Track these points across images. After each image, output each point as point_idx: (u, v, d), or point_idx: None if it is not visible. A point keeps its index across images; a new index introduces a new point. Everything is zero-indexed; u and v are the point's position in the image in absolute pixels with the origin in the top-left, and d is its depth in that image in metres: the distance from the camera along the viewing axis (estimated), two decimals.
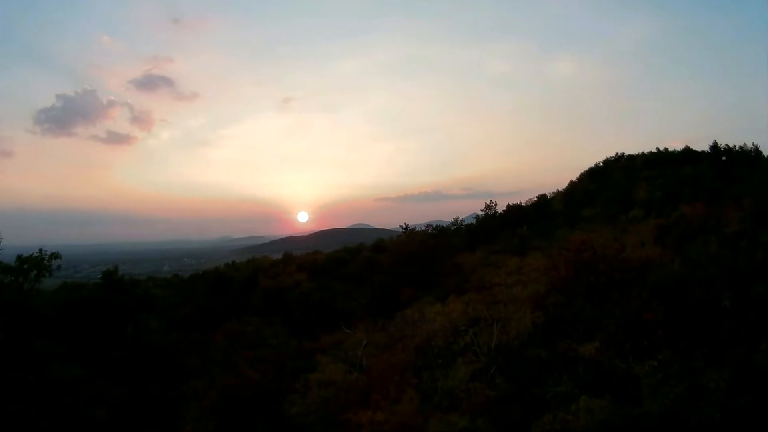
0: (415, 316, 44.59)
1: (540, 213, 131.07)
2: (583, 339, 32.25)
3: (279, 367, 47.13)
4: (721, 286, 30.38)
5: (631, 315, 30.74)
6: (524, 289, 41.24)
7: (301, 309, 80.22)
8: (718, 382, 21.97)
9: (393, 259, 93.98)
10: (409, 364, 37.03)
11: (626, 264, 41.66)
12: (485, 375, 33.05)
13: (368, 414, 29.57)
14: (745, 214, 55.82)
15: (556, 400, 26.68)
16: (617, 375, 27.60)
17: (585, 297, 38.58)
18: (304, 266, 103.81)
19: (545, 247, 75.00)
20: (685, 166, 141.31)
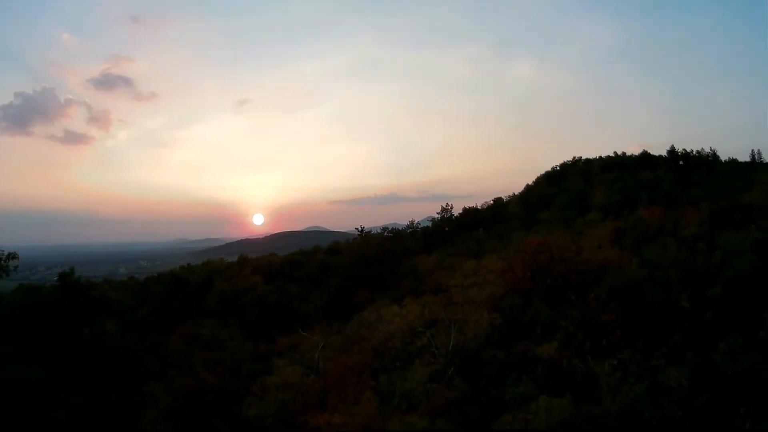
0: (371, 318, 44.64)
1: (496, 216, 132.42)
2: (541, 340, 32.54)
3: (235, 369, 47.20)
4: (680, 288, 30.71)
5: (589, 316, 30.99)
6: (481, 291, 41.44)
7: (257, 312, 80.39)
8: (679, 381, 22.15)
9: (349, 262, 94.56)
10: (366, 366, 37.03)
11: (583, 266, 42.15)
12: (443, 376, 33.06)
13: (326, 417, 29.39)
14: (703, 218, 56.80)
15: (515, 400, 26.67)
16: (576, 375, 27.78)
17: (542, 298, 38.93)
18: (259, 269, 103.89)
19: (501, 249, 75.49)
20: (642, 171, 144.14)
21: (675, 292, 30.70)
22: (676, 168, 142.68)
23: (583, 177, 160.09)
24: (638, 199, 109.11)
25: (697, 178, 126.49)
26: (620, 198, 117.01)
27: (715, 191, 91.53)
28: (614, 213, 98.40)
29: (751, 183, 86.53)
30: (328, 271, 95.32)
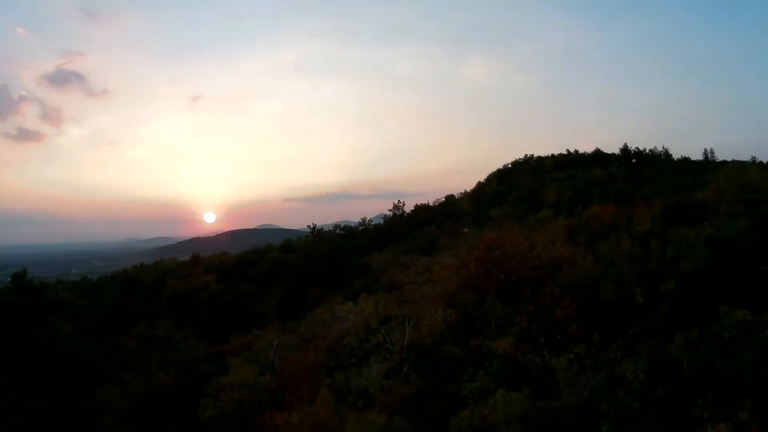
0: (325, 316, 45.03)
1: (448, 213, 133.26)
2: (496, 335, 33.01)
3: (190, 370, 47.13)
4: (634, 283, 31.26)
5: (543, 311, 31.32)
6: (435, 288, 41.77)
7: (210, 311, 79.84)
8: (636, 373, 22.61)
9: (301, 260, 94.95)
10: (321, 364, 37.36)
11: (537, 262, 42.50)
12: (399, 373, 33.38)
13: (283, 415, 29.47)
14: (656, 215, 57.85)
15: (472, 395, 27.04)
16: (532, 369, 28.18)
17: (496, 294, 39.27)
18: (212, 268, 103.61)
19: (453, 246, 76.08)
20: (595, 169, 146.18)
21: (629, 287, 31.19)
22: (628, 166, 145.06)
23: (535, 175, 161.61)
24: (591, 196, 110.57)
25: (649, 176, 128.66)
26: (572, 195, 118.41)
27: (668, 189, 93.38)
28: (566, 210, 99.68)
29: (704, 181, 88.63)
30: (281, 270, 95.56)
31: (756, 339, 21.31)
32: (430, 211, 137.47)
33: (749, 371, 19.74)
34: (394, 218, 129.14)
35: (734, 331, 22.10)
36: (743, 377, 19.73)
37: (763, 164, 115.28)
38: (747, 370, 19.80)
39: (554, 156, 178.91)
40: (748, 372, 19.71)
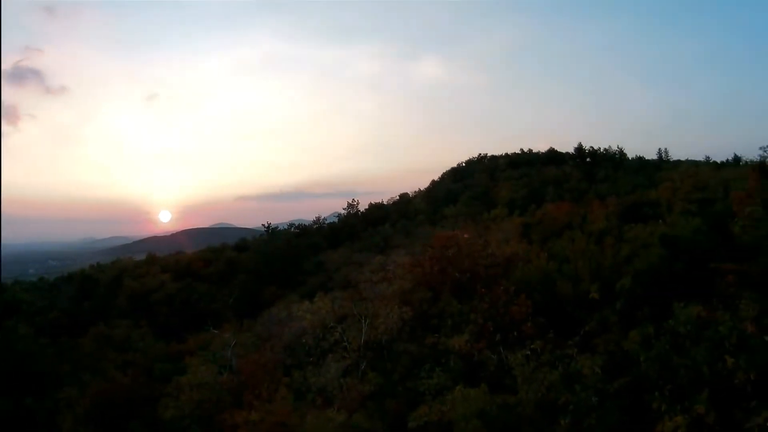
0: (281, 314, 44.98)
1: (402, 212, 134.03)
2: (452, 332, 33.38)
3: (149, 370, 47.47)
4: (589, 280, 31.79)
5: (498, 308, 31.74)
6: (390, 286, 42.04)
7: (167, 310, 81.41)
8: (592, 368, 23.03)
9: (256, 259, 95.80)
10: (279, 362, 37.60)
11: (491, 260, 42.91)
12: (356, 371, 33.90)
13: (243, 414, 29.65)
14: (610, 213, 58.83)
15: (430, 392, 27.34)
16: (489, 365, 28.55)
17: (451, 292, 39.57)
18: (168, 267, 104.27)
19: (408, 245, 76.66)
20: (549, 167, 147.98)
21: (584, 284, 31.74)
22: (583, 165, 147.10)
23: (488, 173, 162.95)
24: (545, 194, 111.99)
25: (604, 174, 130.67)
26: (526, 194, 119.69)
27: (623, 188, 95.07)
28: (520, 208, 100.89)
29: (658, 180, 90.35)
30: (236, 269, 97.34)
31: (710, 334, 21.88)
32: (384, 209, 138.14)
33: (704, 365, 20.28)
34: (348, 217, 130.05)
35: (689, 326, 22.62)
36: (698, 371, 20.27)
37: (716, 164, 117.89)
38: (702, 365, 20.34)
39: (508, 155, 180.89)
40: (703, 366, 20.25)
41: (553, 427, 21.75)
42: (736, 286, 26.53)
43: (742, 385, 18.99)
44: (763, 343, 20.11)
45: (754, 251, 28.66)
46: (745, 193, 34.53)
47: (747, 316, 21.87)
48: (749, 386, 18.82)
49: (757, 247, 28.33)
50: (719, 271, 28.59)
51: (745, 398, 18.67)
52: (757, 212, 29.15)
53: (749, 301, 23.36)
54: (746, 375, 18.96)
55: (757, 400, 18.28)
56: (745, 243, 29.35)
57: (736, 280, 27.28)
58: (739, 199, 34.49)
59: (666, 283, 29.73)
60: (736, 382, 19.16)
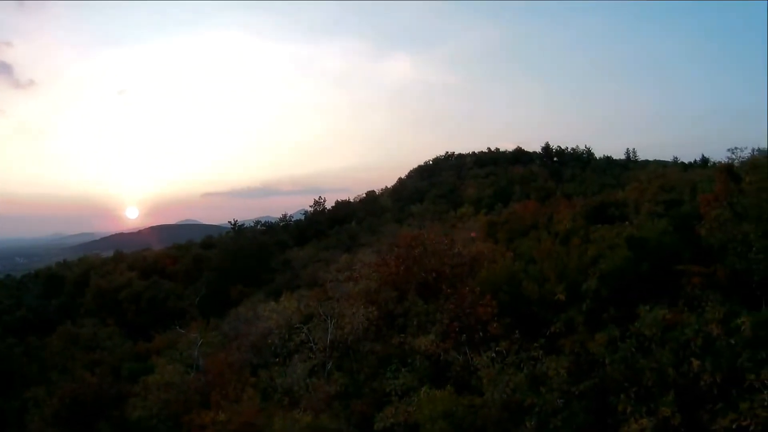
0: (248, 314, 45.66)
1: (369, 209, 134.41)
2: (418, 332, 33.52)
3: (116, 370, 47.74)
4: (555, 281, 32.01)
5: (464, 308, 31.86)
6: (356, 285, 42.00)
7: (134, 309, 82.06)
8: (558, 370, 23.26)
9: (222, 256, 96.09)
10: (245, 362, 37.98)
11: (457, 259, 43.00)
12: (323, 371, 33.96)
13: (210, 414, 29.68)
14: (577, 213, 59.19)
15: (396, 392, 27.66)
16: (455, 366, 28.70)
17: (417, 292, 39.65)
18: (135, 265, 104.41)
19: (374, 243, 76.92)
20: (516, 166, 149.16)
21: (550, 285, 31.97)
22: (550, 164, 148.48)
23: (455, 171, 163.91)
24: (511, 193, 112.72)
25: (571, 174, 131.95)
26: (493, 192, 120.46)
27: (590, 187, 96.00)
28: (487, 207, 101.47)
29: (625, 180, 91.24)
30: (203, 266, 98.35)
31: (676, 336, 22.23)
32: (351, 207, 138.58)
33: (670, 368, 20.59)
34: (315, 214, 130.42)
35: (654, 329, 22.93)
36: (664, 373, 20.58)
37: (684, 165, 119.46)
38: (667, 367, 20.66)
39: (475, 153, 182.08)
40: (669, 368, 20.57)
41: (519, 429, 22.02)
42: (701, 289, 26.94)
43: (707, 387, 19.37)
44: (729, 346, 20.48)
45: (720, 254, 29.11)
46: (712, 196, 35.04)
47: (712, 319, 22.26)
48: (715, 388, 19.19)
49: (724, 250, 28.76)
50: (685, 274, 29.02)
51: (711, 400, 19.02)
52: (724, 215, 29.59)
53: (715, 304, 23.79)
54: (712, 377, 19.34)
55: (722, 402, 18.63)
56: (712, 245, 29.79)
57: (702, 282, 27.72)
58: (706, 201, 34.99)
59: (632, 285, 30.08)
60: (701, 385, 19.53)
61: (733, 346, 20.49)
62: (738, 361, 19.56)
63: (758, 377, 18.15)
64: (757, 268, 25.65)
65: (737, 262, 27.18)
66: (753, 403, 17.45)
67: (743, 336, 20.67)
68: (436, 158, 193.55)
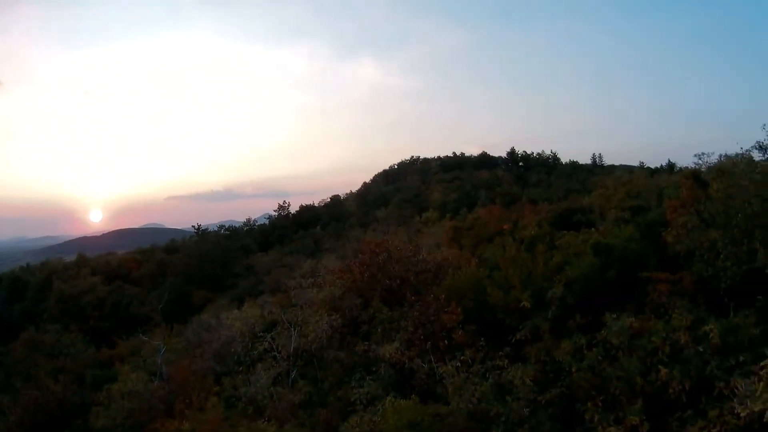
0: (211, 321, 45.45)
1: (333, 214, 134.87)
2: (383, 340, 33.69)
3: (80, 377, 47.45)
4: (520, 288, 32.06)
5: (429, 316, 31.85)
6: (320, 292, 42.10)
7: (98, 315, 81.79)
8: (524, 379, 23.26)
9: (186, 261, 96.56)
10: (209, 370, 38.05)
11: (422, 266, 43.11)
12: (287, 379, 33.92)
13: (175, 424, 29.48)
14: (542, 219, 59.53)
15: (361, 401, 27.47)
16: (420, 375, 28.66)
17: (381, 299, 39.71)
18: (98, 269, 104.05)
19: (338, 248, 77.25)
20: (481, 171, 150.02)
21: (515, 292, 32.03)
22: (515, 169, 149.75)
23: (420, 176, 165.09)
24: (476, 198, 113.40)
25: (536, 179, 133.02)
26: (458, 197, 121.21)
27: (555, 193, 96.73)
28: (452, 212, 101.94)
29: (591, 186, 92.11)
30: (167, 271, 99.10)
31: (643, 344, 22.32)
32: (316, 211, 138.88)
33: (637, 376, 20.66)
34: (279, 218, 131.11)
35: (621, 337, 23.02)
36: (632, 382, 20.65)
37: (650, 169, 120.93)
38: (635, 375, 20.73)
39: (440, 158, 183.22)
40: (637, 377, 20.64)
41: None
42: (668, 296, 27.14)
43: (676, 395, 19.46)
44: (697, 353, 20.60)
45: (687, 261, 29.38)
46: (679, 202, 35.32)
47: (680, 326, 22.40)
48: (684, 396, 19.29)
49: (691, 257, 29.02)
50: (652, 281, 29.22)
51: (680, 408, 19.11)
52: (691, 221, 29.83)
53: (682, 311, 23.98)
54: (680, 385, 19.43)
55: (691, 409, 18.71)
56: (678, 252, 30.05)
57: (669, 289, 27.93)
58: (672, 207, 35.27)
59: (598, 292, 30.24)
60: (670, 392, 19.62)
61: (701, 353, 20.63)
62: (707, 369, 19.71)
63: (727, 385, 18.25)
64: (725, 276, 25.85)
65: (704, 269, 27.40)
66: (722, 410, 17.53)
67: (711, 343, 20.83)
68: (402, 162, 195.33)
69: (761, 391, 16.69)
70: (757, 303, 23.46)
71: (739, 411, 16.80)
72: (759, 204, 25.95)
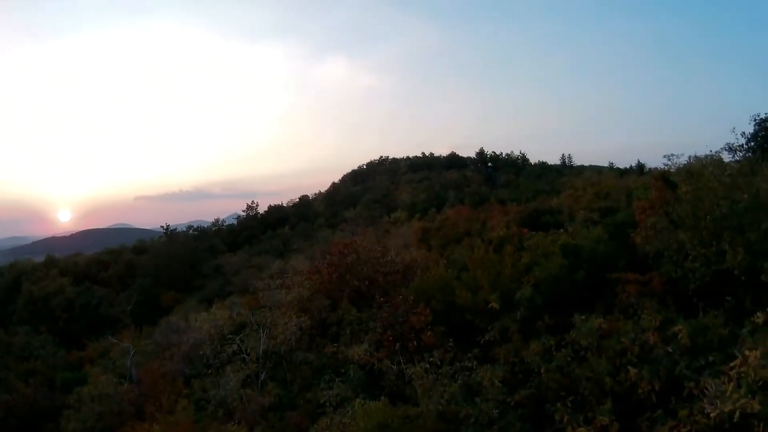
0: (180, 322, 45.92)
1: (302, 214, 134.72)
2: (352, 342, 33.87)
3: (50, 380, 47.58)
4: (489, 289, 32.10)
5: (398, 317, 31.84)
6: (289, 293, 42.00)
7: (67, 316, 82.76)
8: (493, 380, 23.29)
9: (154, 262, 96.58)
10: (178, 373, 38.13)
11: (390, 267, 43.15)
12: (256, 382, 33.83)
13: (145, 427, 29.41)
14: (511, 219, 59.71)
15: (330, 403, 27.57)
16: (389, 376, 28.66)
17: (350, 300, 39.81)
18: (67, 270, 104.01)
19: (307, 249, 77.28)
20: (450, 171, 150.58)
21: (483, 293, 32.08)
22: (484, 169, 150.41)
23: (389, 176, 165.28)
24: (445, 198, 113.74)
25: (505, 179, 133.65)
26: (427, 197, 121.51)
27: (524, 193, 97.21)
28: (421, 212, 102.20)
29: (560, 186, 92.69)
30: (135, 272, 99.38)
31: (612, 345, 22.43)
32: (284, 212, 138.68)
33: (606, 376, 20.76)
34: (247, 219, 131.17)
35: (590, 338, 23.12)
36: (601, 382, 20.75)
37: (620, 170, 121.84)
38: (604, 375, 20.82)
39: (409, 158, 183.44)
40: (606, 377, 20.73)
41: None
42: (637, 297, 27.34)
43: (645, 395, 19.60)
44: (666, 354, 20.74)
45: (656, 262, 29.60)
46: (648, 203, 35.59)
47: (649, 327, 22.59)
48: (653, 396, 19.40)
49: (659, 258, 29.23)
50: (621, 282, 29.41)
51: (650, 408, 19.24)
52: (660, 223, 30.03)
53: (651, 312, 24.15)
54: (650, 385, 19.55)
55: (661, 409, 18.82)
56: (647, 253, 30.24)
57: (638, 290, 28.13)
58: (641, 208, 35.55)
59: (567, 293, 30.42)
60: (639, 393, 19.74)
61: (670, 354, 20.79)
62: (676, 369, 19.86)
63: (697, 385, 18.40)
64: (693, 276, 26.10)
65: (673, 270, 27.62)
66: (692, 410, 17.66)
67: (681, 344, 21.01)
68: (370, 163, 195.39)
69: (731, 392, 16.83)
70: (725, 304, 23.73)
71: (709, 411, 16.92)
72: (727, 206, 26.23)
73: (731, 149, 43.92)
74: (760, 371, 17.16)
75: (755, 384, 17.03)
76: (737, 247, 24.86)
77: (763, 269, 24.02)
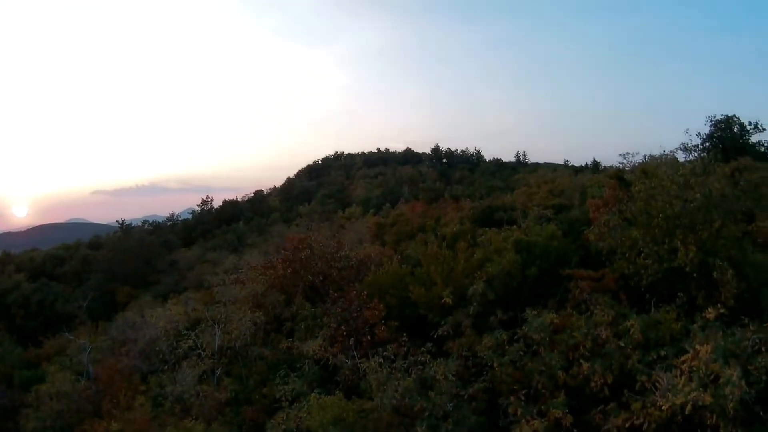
0: (136, 319, 44.55)
1: (256, 209, 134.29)
2: (306, 337, 33.90)
3: (8, 378, 47.26)
4: (442, 284, 32.19)
5: (352, 312, 31.86)
6: (243, 289, 41.76)
7: (23, 313, 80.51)
8: (446, 374, 23.40)
9: (110, 258, 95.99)
10: (135, 369, 37.64)
11: (344, 262, 43.15)
12: (212, 377, 33.65)
13: (103, 424, 29.50)
14: (464, 215, 59.88)
15: (286, 398, 27.46)
16: (344, 371, 28.70)
17: (304, 295, 39.78)
18: (22, 266, 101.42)
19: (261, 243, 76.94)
20: (405, 167, 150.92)
21: (437, 288, 32.19)
22: (439, 165, 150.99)
23: (344, 171, 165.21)
24: (400, 194, 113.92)
25: (460, 176, 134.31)
26: (381, 193, 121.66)
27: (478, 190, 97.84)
28: (375, 207, 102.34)
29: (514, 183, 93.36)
30: (91, 268, 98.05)
31: (565, 340, 22.70)
32: (239, 206, 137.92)
33: (559, 370, 21.00)
34: (202, 214, 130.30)
35: (542, 333, 23.34)
36: (554, 376, 20.98)
37: (575, 168, 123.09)
38: (557, 369, 21.07)
39: (364, 153, 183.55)
40: (558, 371, 20.97)
41: None
42: (590, 293, 27.60)
43: (599, 388, 19.87)
44: (619, 348, 21.02)
45: (608, 259, 29.98)
46: (601, 201, 36.00)
47: (602, 322, 22.91)
48: (606, 389, 19.66)
49: (612, 255, 29.62)
50: (574, 278, 29.71)
51: (603, 401, 19.51)
52: (613, 220, 30.35)
53: (604, 307, 24.42)
54: (602, 379, 19.83)
55: (615, 402, 19.08)
56: (600, 250, 30.59)
57: (591, 286, 28.42)
58: (595, 206, 35.96)
59: (519, 289, 30.76)
60: (592, 386, 20.00)
61: (623, 348, 21.11)
62: (628, 363, 20.21)
63: (649, 378, 18.73)
64: (646, 273, 26.51)
65: (626, 266, 28.02)
66: (645, 403, 18.02)
67: (633, 338, 21.36)
68: (326, 158, 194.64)
69: (683, 385, 17.18)
70: (677, 300, 24.11)
71: (662, 404, 17.24)
72: (680, 205, 26.64)
73: (686, 149, 44.51)
74: (711, 365, 17.53)
75: (707, 377, 17.38)
76: (689, 245, 25.31)
77: (715, 267, 24.46)
